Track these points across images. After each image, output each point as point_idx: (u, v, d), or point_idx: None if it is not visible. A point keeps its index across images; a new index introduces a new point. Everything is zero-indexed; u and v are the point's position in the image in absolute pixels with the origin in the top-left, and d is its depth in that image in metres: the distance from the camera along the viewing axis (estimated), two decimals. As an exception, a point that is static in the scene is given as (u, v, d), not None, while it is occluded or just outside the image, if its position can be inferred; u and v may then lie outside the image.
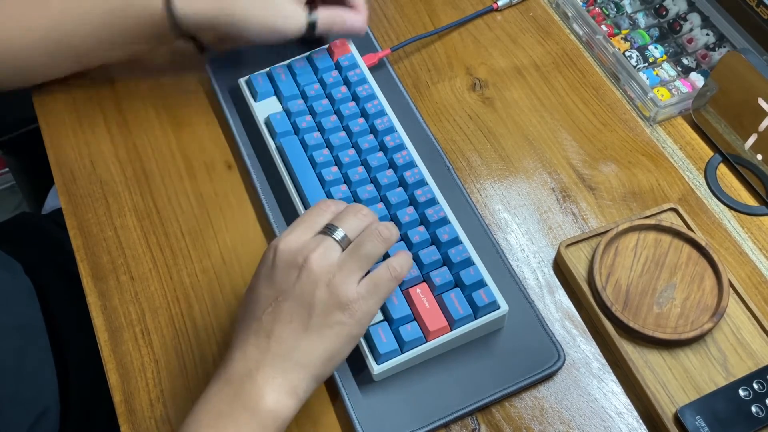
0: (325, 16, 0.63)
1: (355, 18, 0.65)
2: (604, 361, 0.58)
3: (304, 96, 0.68)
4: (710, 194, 0.67)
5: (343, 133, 0.65)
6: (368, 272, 0.50)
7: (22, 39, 0.63)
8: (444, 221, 0.60)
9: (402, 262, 0.51)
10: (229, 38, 0.66)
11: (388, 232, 0.51)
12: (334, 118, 0.66)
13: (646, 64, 0.74)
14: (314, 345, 0.47)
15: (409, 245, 0.59)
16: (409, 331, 0.55)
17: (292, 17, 0.62)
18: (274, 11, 0.61)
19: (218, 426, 0.46)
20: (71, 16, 0.62)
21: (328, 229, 0.49)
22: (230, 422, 0.46)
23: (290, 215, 0.63)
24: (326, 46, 0.70)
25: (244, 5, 0.61)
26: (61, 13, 0.62)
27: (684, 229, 0.62)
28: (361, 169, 0.63)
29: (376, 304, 0.49)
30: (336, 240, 0.49)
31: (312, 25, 0.63)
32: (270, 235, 0.63)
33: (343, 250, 0.49)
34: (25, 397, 0.63)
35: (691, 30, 0.77)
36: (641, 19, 0.78)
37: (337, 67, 0.69)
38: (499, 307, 0.57)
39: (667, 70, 0.74)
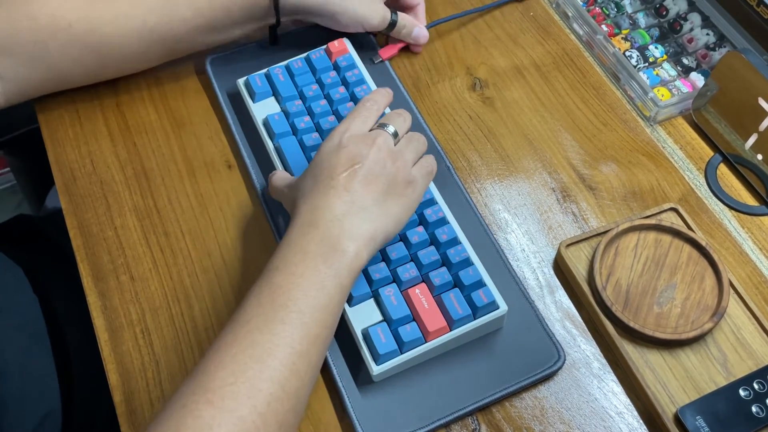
0: (403, 17, 0.72)
1: (422, 27, 0.73)
2: (604, 361, 0.58)
3: (302, 96, 0.68)
4: (710, 194, 0.67)
5: (342, 134, 0.65)
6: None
7: (116, 26, 0.63)
8: (443, 221, 0.60)
9: (431, 161, 0.59)
10: (318, 22, 0.71)
11: (423, 140, 0.59)
12: (332, 118, 0.66)
13: (647, 64, 0.74)
14: (391, 207, 0.53)
15: (408, 245, 0.59)
16: (408, 331, 0.55)
17: (379, 13, 0.70)
18: (366, 6, 0.69)
19: (307, 261, 0.50)
20: (172, 1, 0.64)
21: (383, 125, 0.56)
22: (319, 258, 0.50)
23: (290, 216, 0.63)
24: (324, 46, 0.70)
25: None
26: None
27: (684, 229, 0.62)
28: (360, 169, 0.63)
29: (425, 187, 0.57)
30: (389, 133, 0.55)
31: (392, 24, 0.71)
32: (270, 235, 0.63)
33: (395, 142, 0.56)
34: (30, 398, 0.63)
35: (691, 30, 0.77)
36: (641, 19, 0.78)
37: (335, 67, 0.69)
38: (498, 307, 0.57)
39: (668, 70, 0.74)
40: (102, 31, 0.63)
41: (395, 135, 0.56)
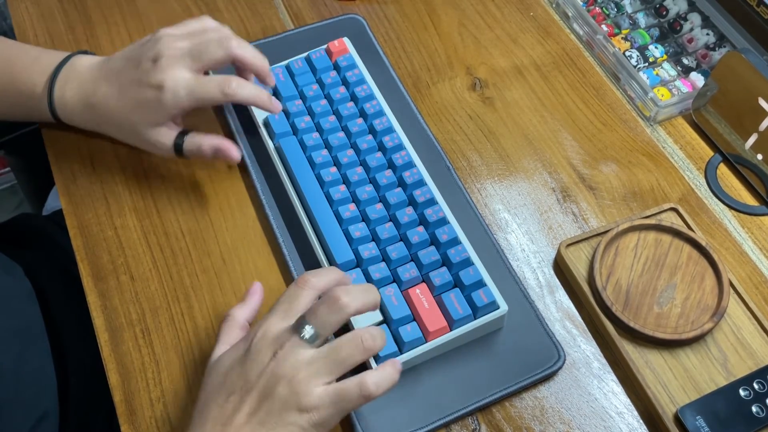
0: (191, 142, 0.62)
1: (228, 146, 0.62)
2: (604, 361, 0.58)
3: (302, 96, 0.68)
4: (710, 194, 0.67)
5: (341, 134, 0.65)
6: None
7: None
8: (443, 221, 0.60)
9: (379, 382, 0.48)
10: None
11: (372, 342, 0.48)
12: (332, 118, 0.66)
13: (647, 64, 0.74)
14: None
15: (408, 246, 0.59)
16: (408, 331, 0.55)
17: (157, 144, 0.63)
18: (142, 142, 0.63)
19: None
20: None
21: (299, 324, 0.48)
22: None
23: (290, 215, 0.63)
24: (325, 46, 0.70)
25: (115, 132, 0.64)
26: None
27: (684, 229, 0.62)
28: (360, 169, 0.63)
29: (336, 416, 0.47)
30: (303, 339, 0.48)
31: (178, 147, 0.63)
32: (270, 235, 0.63)
33: (315, 345, 0.48)
34: (24, 400, 0.63)
35: (691, 30, 0.77)
36: (641, 19, 0.78)
37: (336, 67, 0.69)
38: (498, 307, 0.57)
39: (668, 70, 0.74)
40: None
41: (314, 338, 0.48)
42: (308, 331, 0.48)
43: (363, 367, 0.53)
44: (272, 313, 0.50)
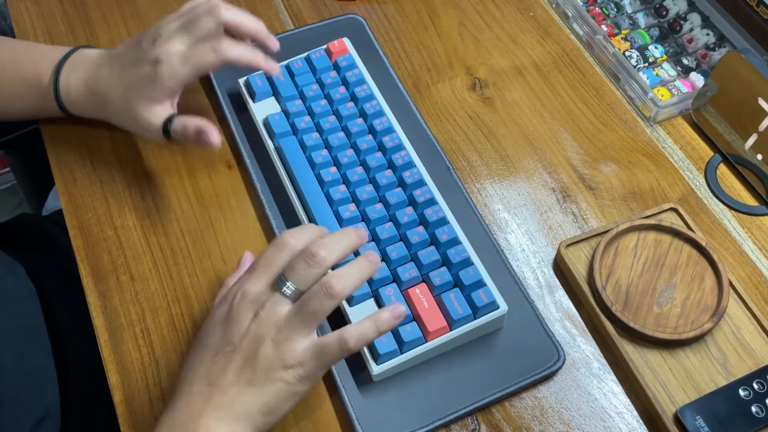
0: (178, 122, 0.62)
1: (209, 129, 0.61)
2: (604, 361, 0.58)
3: (302, 96, 0.68)
4: (710, 194, 0.67)
5: (341, 134, 0.65)
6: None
7: None
8: (443, 221, 0.60)
9: (357, 336, 0.49)
10: None
11: (341, 286, 0.48)
12: (332, 118, 0.66)
13: (646, 64, 0.74)
14: (255, 398, 0.48)
15: (408, 246, 0.59)
16: (408, 331, 0.55)
17: (149, 126, 0.63)
18: (135, 122, 0.63)
19: None
20: None
21: (279, 281, 0.49)
22: None
23: (290, 215, 0.63)
24: (324, 46, 0.70)
25: (112, 114, 0.65)
26: None
27: (684, 229, 0.62)
28: (360, 169, 0.63)
29: (320, 369, 0.49)
30: (285, 295, 0.49)
31: (166, 130, 0.62)
32: (270, 235, 0.63)
33: (294, 301, 0.49)
34: (26, 399, 0.63)
35: (691, 30, 0.77)
36: (641, 19, 0.78)
37: (336, 67, 0.69)
38: (498, 307, 0.57)
39: (667, 70, 0.74)
40: None
41: (293, 294, 0.49)
42: (289, 288, 0.49)
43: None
44: (251, 273, 0.51)
